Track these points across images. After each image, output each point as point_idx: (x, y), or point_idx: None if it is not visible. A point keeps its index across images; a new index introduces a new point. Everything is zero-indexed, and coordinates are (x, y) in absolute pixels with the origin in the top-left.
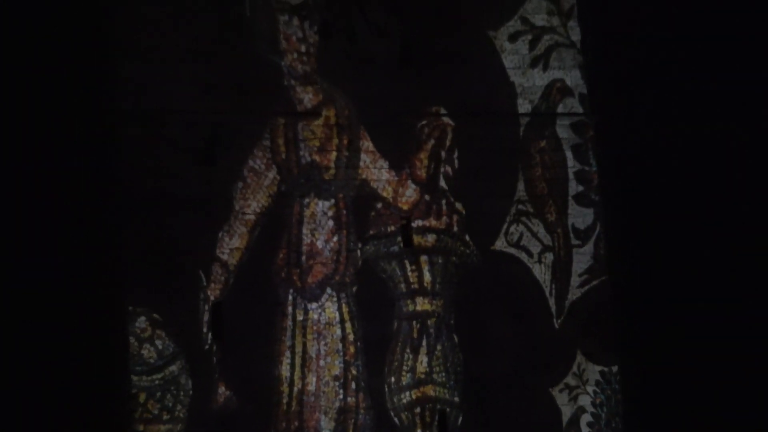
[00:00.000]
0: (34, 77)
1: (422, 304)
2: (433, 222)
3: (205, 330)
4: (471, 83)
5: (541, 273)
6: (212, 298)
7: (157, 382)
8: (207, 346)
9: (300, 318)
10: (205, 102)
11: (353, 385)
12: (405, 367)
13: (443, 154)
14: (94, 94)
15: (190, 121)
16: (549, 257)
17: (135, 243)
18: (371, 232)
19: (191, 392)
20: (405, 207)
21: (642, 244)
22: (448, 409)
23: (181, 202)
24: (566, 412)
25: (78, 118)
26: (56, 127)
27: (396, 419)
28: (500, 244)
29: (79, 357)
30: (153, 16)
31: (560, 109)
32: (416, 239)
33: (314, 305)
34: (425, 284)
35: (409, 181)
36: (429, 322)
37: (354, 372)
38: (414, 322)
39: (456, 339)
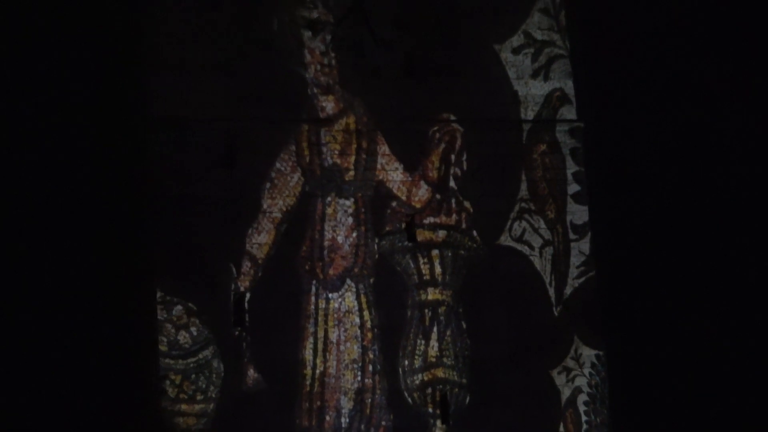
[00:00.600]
0: (74, 88)
1: (433, 294)
2: (443, 219)
3: (233, 315)
4: (478, 92)
5: (542, 265)
6: (242, 288)
7: (192, 365)
8: (237, 333)
9: (322, 306)
10: (235, 110)
11: (370, 368)
12: (417, 352)
13: (453, 157)
14: (128, 103)
15: (218, 128)
16: (549, 251)
17: (167, 238)
18: (387, 229)
19: (223, 374)
20: (418, 206)
21: (628, 240)
22: (449, 391)
23: (205, 202)
24: (564, 392)
25: (113, 125)
26: (94, 132)
27: (409, 399)
28: (504, 239)
29: (115, 342)
30: (184, 32)
31: (559, 116)
32: (428, 235)
33: (335, 295)
34: (436, 276)
35: (422, 182)
36: (439, 310)
37: (371, 356)
38: (425, 310)
39: (464, 325)
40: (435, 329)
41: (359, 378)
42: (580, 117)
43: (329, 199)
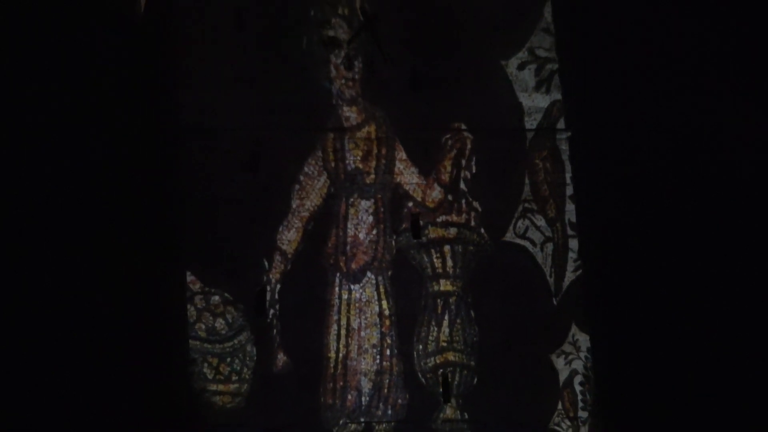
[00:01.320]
0: (118, 100)
1: (444, 285)
2: (454, 218)
3: (267, 306)
4: (487, 104)
5: (543, 259)
6: (273, 280)
7: (227, 349)
8: (268, 320)
9: (344, 297)
10: (261, 120)
11: (387, 352)
12: (430, 337)
13: (463, 162)
14: (162, 113)
15: (243, 136)
16: (549, 246)
17: (200, 235)
18: (404, 226)
19: (255, 358)
20: (431, 206)
21: (613, 237)
22: (458, 372)
23: (232, 202)
24: (563, 374)
25: (150, 133)
26: (133, 139)
27: (422, 379)
28: (509, 236)
29: (151, 326)
30: (216, 48)
31: (558, 125)
32: (440, 232)
33: (356, 286)
34: (447, 269)
35: (435, 184)
36: (450, 300)
37: (388, 341)
38: (438, 300)
39: (472, 314)
40: (446, 317)
41: (378, 361)
42: (568, 126)
43: (352, 199)
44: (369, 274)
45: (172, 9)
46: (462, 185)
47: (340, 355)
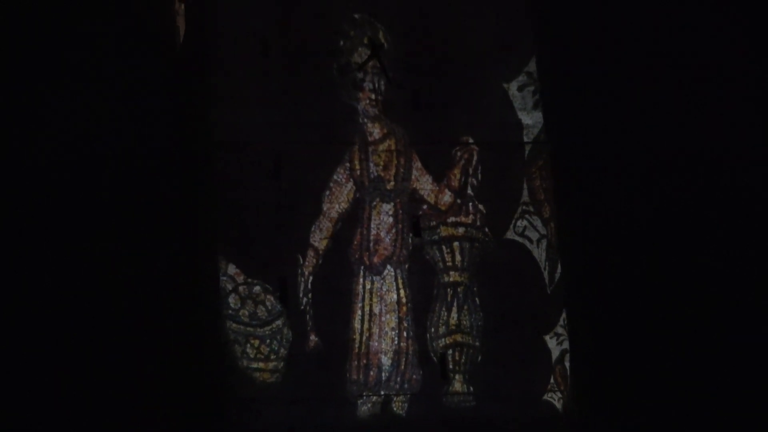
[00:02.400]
0: (156, 118)
1: (454, 277)
2: (462, 218)
3: (300, 295)
4: (491, 121)
5: (539, 254)
6: (306, 273)
7: (267, 332)
8: (302, 307)
9: (368, 287)
10: (287, 135)
11: (405, 334)
12: (441, 321)
13: (470, 170)
14: (197, 129)
15: (271, 150)
16: (544, 243)
17: (236, 233)
18: (420, 226)
19: (291, 339)
20: (443, 208)
21: (589, 234)
22: (465, 352)
23: (262, 207)
24: (555, 353)
25: (184, 146)
26: (173, 152)
27: (434, 358)
28: (510, 234)
29: (189, 315)
30: (244, 72)
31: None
32: (451, 230)
33: (378, 278)
34: (456, 262)
35: (446, 190)
36: (459, 289)
37: (405, 325)
38: (448, 289)
39: (477, 301)
40: (455, 304)
41: (396, 342)
42: (549, 137)
43: (374, 203)
44: (389, 267)
45: (207, 38)
46: (469, 190)
47: (364, 337)
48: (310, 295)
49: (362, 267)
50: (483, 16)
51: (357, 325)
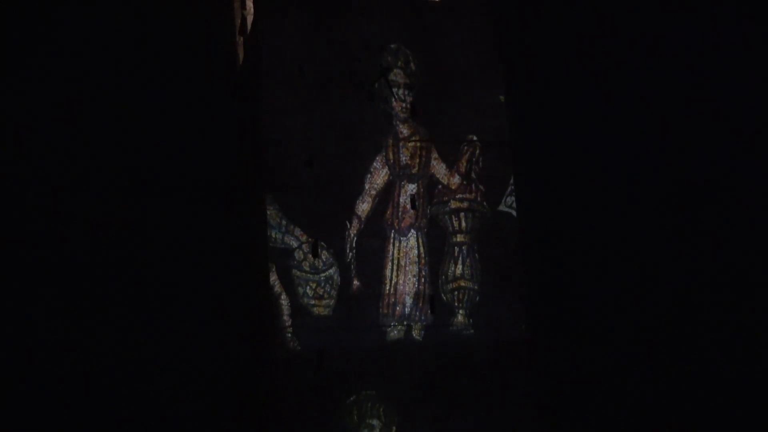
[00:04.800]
0: (223, 121)
1: (460, 238)
2: (467, 195)
3: (348, 250)
4: (490, 123)
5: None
6: (352, 235)
7: (322, 277)
8: (348, 260)
9: (396, 245)
10: (320, 134)
11: (423, 280)
12: (449, 271)
13: (474, 159)
14: (251, 129)
15: (306, 146)
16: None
17: (291, 208)
18: (435, 201)
19: (339, 283)
20: (453, 187)
21: (547, 215)
22: (467, 293)
23: (304, 188)
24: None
25: (242, 142)
26: (232, 146)
27: (444, 298)
28: (502, 207)
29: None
30: (288, 86)
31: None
32: (458, 204)
33: (404, 239)
34: (462, 228)
35: (456, 174)
36: (463, 247)
37: (423, 273)
38: (455, 248)
39: (477, 256)
40: (460, 258)
41: (416, 286)
42: (513, 139)
43: (402, 183)
44: (412, 230)
45: (258, 62)
46: (473, 175)
47: (393, 282)
48: (354, 251)
49: (392, 231)
50: (461, 47)
51: (388, 273)
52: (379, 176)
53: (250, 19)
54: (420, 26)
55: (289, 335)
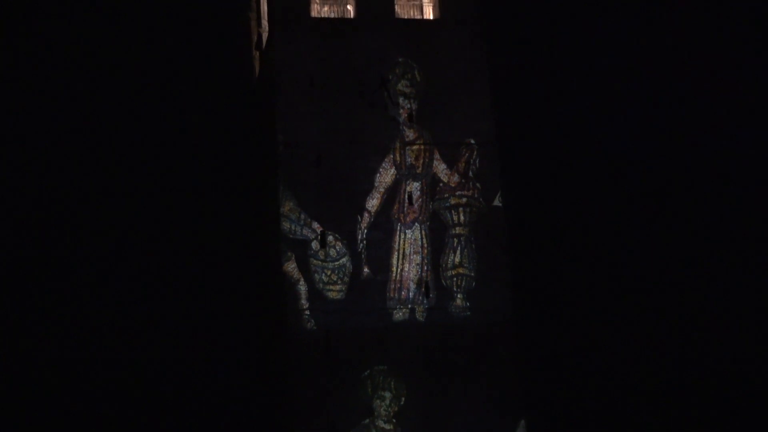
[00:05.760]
0: (242, 126)
1: (459, 230)
2: (466, 192)
3: (359, 241)
4: (485, 128)
5: None
6: (363, 227)
7: (336, 265)
8: (359, 250)
9: (402, 237)
10: (328, 137)
11: (425, 268)
12: (450, 259)
13: (471, 160)
14: (268, 133)
15: (314, 147)
16: None
17: (307, 202)
18: (437, 197)
19: (351, 271)
20: (453, 185)
21: (535, 224)
22: (465, 279)
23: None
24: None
25: (260, 144)
26: (249, 150)
27: (444, 284)
28: (496, 203)
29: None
30: (300, 95)
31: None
32: (457, 200)
33: (409, 231)
34: (461, 221)
35: (456, 173)
36: (462, 238)
37: (426, 262)
38: (455, 239)
39: (473, 246)
40: (459, 248)
41: (420, 273)
42: (497, 139)
43: (408, 181)
44: (416, 224)
45: (274, 74)
46: (471, 174)
47: (399, 269)
48: (365, 242)
49: (399, 224)
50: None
51: (394, 262)
52: (387, 175)
53: (265, 36)
54: (418, 41)
55: (306, 316)
